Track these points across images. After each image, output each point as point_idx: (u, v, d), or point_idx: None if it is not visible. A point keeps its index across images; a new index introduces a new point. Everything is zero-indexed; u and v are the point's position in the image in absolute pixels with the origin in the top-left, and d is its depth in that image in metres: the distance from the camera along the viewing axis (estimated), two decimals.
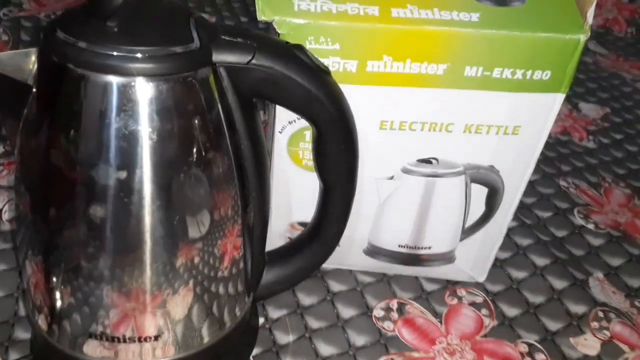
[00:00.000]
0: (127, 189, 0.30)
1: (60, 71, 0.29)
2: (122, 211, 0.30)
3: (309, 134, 0.41)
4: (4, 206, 0.53)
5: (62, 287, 0.33)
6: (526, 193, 0.61)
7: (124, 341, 0.34)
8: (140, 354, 0.35)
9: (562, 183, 0.63)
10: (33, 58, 0.32)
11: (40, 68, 0.31)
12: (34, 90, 0.30)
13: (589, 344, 0.45)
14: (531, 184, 0.62)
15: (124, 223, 0.31)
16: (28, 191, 0.33)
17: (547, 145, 0.70)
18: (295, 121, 0.40)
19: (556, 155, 0.69)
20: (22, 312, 0.44)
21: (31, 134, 0.31)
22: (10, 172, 0.58)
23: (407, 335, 0.45)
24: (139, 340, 0.34)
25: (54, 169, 0.30)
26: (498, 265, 0.52)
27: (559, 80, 0.38)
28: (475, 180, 0.43)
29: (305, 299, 0.47)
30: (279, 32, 0.36)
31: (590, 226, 0.57)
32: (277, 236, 0.47)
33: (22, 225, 0.34)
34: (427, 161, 0.42)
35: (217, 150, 0.32)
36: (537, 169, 0.65)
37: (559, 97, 0.39)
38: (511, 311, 0.48)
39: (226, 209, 0.34)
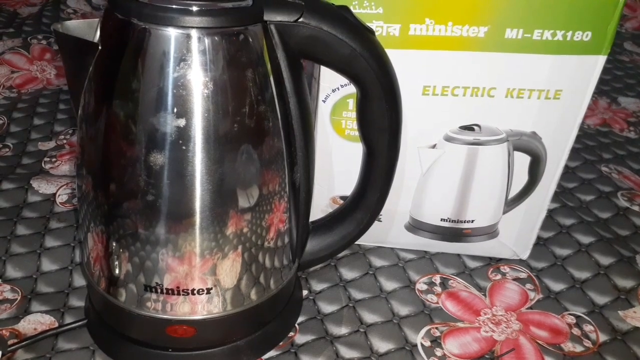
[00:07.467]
0: (186, 136, 0.31)
1: (125, 27, 0.31)
2: (180, 158, 0.32)
3: (352, 102, 0.42)
4: (57, 190, 0.56)
5: (124, 243, 0.35)
6: (567, 178, 0.61)
7: (178, 294, 0.35)
8: (192, 309, 0.36)
9: (604, 169, 0.63)
10: (96, 26, 0.34)
11: (105, 26, 0.33)
12: (100, 48, 0.32)
13: (639, 316, 0.44)
14: (572, 170, 0.62)
15: (182, 171, 0.32)
16: (91, 146, 0.34)
17: (587, 135, 0.71)
18: (338, 89, 0.41)
19: (597, 144, 0.68)
20: (76, 283, 0.46)
21: (97, 88, 0.33)
22: (62, 162, 0.61)
23: (451, 307, 0.45)
24: (192, 293, 0.36)
25: (118, 118, 0.32)
26: (541, 243, 0.51)
27: (600, 41, 0.38)
28: (518, 147, 0.43)
29: (348, 274, 0.48)
30: None
31: (635, 208, 0.56)
32: (319, 211, 0.48)
33: (86, 192, 0.36)
34: (469, 128, 0.42)
35: (266, 103, 0.33)
36: (578, 156, 0.65)
37: (601, 59, 0.39)
38: (557, 286, 0.47)
39: (273, 161, 0.35)
